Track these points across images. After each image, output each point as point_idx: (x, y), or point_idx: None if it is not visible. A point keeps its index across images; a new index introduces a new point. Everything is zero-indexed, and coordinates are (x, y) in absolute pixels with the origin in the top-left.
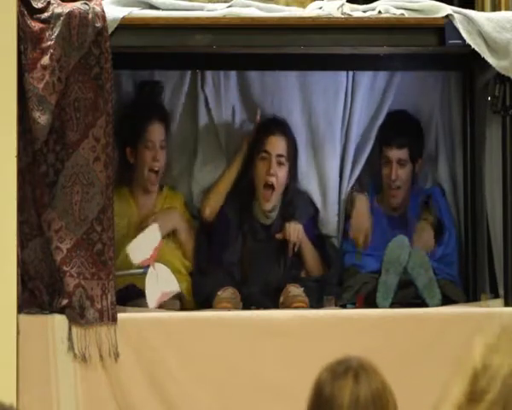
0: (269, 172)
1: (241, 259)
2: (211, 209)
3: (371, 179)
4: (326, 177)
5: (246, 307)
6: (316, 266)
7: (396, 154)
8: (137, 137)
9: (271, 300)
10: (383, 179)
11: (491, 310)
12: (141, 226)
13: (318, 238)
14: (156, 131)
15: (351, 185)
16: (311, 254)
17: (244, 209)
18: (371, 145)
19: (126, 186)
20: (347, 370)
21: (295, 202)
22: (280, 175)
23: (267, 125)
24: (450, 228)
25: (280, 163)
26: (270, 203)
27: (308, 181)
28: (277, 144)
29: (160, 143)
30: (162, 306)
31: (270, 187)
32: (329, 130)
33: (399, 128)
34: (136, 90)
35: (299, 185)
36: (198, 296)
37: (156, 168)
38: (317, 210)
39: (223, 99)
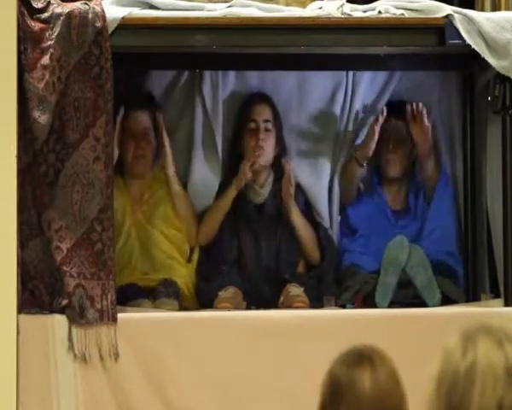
0: (258, 138)
1: (238, 246)
2: (206, 237)
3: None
4: (316, 175)
5: (245, 297)
6: (307, 232)
7: (393, 121)
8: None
9: (269, 287)
10: (380, 152)
11: (491, 310)
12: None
13: (312, 224)
14: (139, 118)
15: None
16: (299, 219)
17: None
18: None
19: (121, 177)
20: (361, 357)
21: None
22: (268, 142)
23: (251, 98)
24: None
25: (267, 129)
26: (263, 159)
27: (299, 175)
28: (263, 111)
29: (145, 130)
30: (159, 306)
31: (261, 150)
32: (326, 129)
33: (398, 104)
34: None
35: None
36: (202, 296)
37: (140, 153)
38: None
39: (220, 100)
